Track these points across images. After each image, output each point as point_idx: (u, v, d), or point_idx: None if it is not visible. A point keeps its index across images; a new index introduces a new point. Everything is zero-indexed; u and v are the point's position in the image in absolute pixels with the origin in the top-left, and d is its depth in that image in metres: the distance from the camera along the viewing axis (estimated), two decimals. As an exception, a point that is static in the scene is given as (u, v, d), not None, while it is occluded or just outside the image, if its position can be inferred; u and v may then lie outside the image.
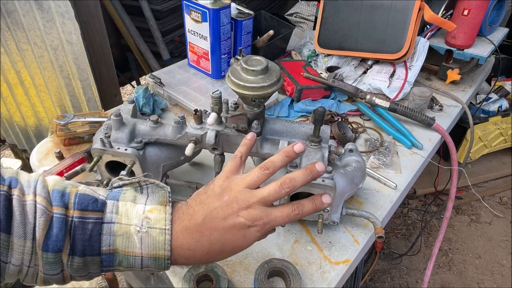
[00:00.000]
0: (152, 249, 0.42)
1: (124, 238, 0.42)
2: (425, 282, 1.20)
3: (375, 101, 0.97)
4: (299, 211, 0.46)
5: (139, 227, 0.42)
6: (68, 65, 1.41)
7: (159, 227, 0.42)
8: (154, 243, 0.42)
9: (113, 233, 0.41)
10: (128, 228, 0.42)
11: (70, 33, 1.33)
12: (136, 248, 0.42)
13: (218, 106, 0.61)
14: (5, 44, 1.31)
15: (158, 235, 0.42)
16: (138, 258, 0.42)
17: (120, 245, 0.42)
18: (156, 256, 0.42)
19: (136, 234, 0.42)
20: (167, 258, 0.42)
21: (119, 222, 0.42)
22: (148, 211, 0.43)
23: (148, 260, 0.42)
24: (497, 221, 1.95)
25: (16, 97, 1.48)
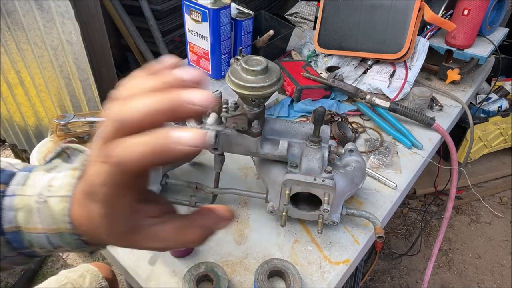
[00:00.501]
0: (52, 222, 0.33)
1: (25, 212, 0.34)
2: (425, 282, 1.20)
3: (375, 101, 0.97)
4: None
5: (40, 196, 0.34)
6: (68, 65, 1.41)
7: (60, 195, 0.33)
8: (53, 214, 0.33)
9: (14, 207, 0.34)
10: (30, 200, 0.34)
11: (70, 33, 1.33)
12: (37, 223, 0.33)
13: (218, 106, 0.61)
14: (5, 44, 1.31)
15: (57, 204, 0.33)
16: (42, 235, 0.34)
17: (22, 221, 0.34)
18: (58, 231, 0.33)
19: (35, 206, 0.34)
20: (70, 232, 0.32)
21: (21, 194, 0.35)
22: (56, 178, 0.35)
23: (53, 237, 0.33)
24: (497, 221, 1.95)
25: (16, 97, 1.48)
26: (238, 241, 0.68)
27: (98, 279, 0.86)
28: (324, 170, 0.61)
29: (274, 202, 0.66)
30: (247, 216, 0.72)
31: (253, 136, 0.62)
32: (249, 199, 0.75)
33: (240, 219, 0.72)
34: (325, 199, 0.60)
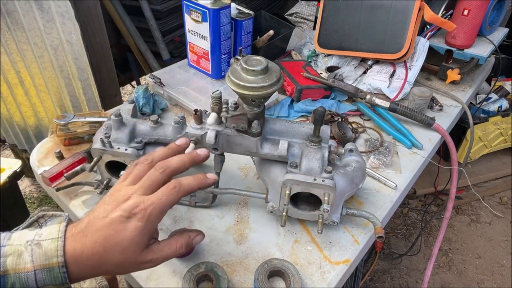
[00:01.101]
0: (44, 259, 0.40)
1: (15, 256, 0.40)
2: (425, 282, 1.20)
3: (375, 101, 0.97)
4: (175, 185, 0.45)
5: (30, 241, 0.40)
6: (68, 65, 1.41)
7: (51, 238, 0.41)
8: (46, 252, 0.40)
9: (3, 254, 0.40)
10: (19, 247, 0.40)
11: (70, 33, 1.33)
12: (27, 263, 0.39)
13: (218, 106, 0.61)
14: (5, 44, 1.31)
15: (50, 244, 0.40)
16: (30, 273, 0.39)
17: (10, 264, 0.39)
18: (50, 265, 0.39)
19: (27, 249, 0.40)
20: (61, 265, 0.40)
21: (10, 244, 0.40)
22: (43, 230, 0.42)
23: (41, 273, 0.39)
24: (497, 221, 1.95)
25: (16, 97, 1.48)
26: (238, 241, 0.68)
27: (98, 278, 0.86)
28: (324, 170, 0.61)
29: (274, 202, 0.66)
30: (247, 216, 0.72)
31: (253, 136, 0.62)
32: (249, 199, 0.75)
33: (240, 219, 0.72)
34: (325, 199, 0.60)
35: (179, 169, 0.47)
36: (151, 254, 0.45)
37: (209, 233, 0.69)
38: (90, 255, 0.41)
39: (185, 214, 0.72)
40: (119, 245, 0.42)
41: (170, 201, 0.44)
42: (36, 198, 1.97)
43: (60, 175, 0.72)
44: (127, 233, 0.42)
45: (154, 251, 0.45)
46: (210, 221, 0.71)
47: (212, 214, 0.72)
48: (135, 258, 0.43)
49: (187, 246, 0.49)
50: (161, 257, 0.46)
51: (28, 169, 1.72)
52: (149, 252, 0.45)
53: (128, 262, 0.43)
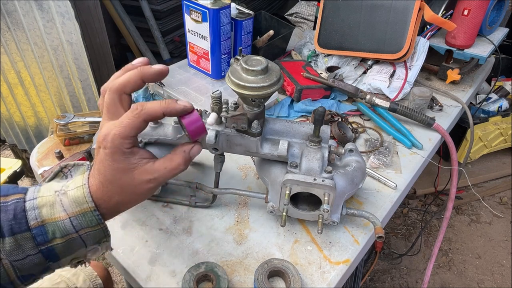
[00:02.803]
0: (75, 206, 0.42)
1: (48, 207, 0.42)
2: (425, 282, 1.20)
3: (375, 101, 0.97)
4: (137, 107, 0.43)
5: (58, 192, 0.43)
6: (68, 65, 1.41)
7: (76, 186, 0.43)
8: (75, 200, 0.42)
9: (37, 206, 0.42)
10: (50, 198, 0.42)
11: (70, 33, 1.33)
12: (60, 212, 0.42)
13: (218, 106, 0.61)
14: (5, 44, 1.31)
15: (75, 192, 0.43)
16: (66, 220, 0.42)
17: (46, 215, 0.42)
18: (82, 211, 0.42)
19: (56, 199, 0.42)
20: (93, 209, 0.43)
21: (41, 196, 0.43)
22: (69, 182, 0.45)
23: (76, 219, 0.42)
24: (497, 221, 1.95)
25: (16, 97, 1.48)
26: (238, 241, 0.68)
27: (92, 277, 0.86)
28: (324, 170, 0.61)
29: (274, 202, 0.66)
30: (247, 216, 0.72)
31: (253, 136, 0.62)
32: (249, 199, 0.75)
33: (240, 219, 0.72)
34: (325, 199, 0.60)
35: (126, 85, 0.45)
36: (146, 174, 0.45)
37: (209, 233, 0.69)
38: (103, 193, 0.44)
39: (185, 214, 0.72)
40: (106, 175, 0.44)
41: (132, 124, 0.43)
42: (36, 198, 1.97)
43: (60, 175, 0.72)
44: (103, 162, 0.44)
45: (148, 171, 0.45)
46: (210, 221, 0.71)
47: (212, 214, 0.72)
48: (128, 181, 0.44)
49: (185, 162, 0.48)
50: (160, 177, 0.46)
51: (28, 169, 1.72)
52: (143, 173, 0.45)
53: (127, 187, 0.45)
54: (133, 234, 0.68)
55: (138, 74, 0.45)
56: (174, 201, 0.74)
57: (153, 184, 0.46)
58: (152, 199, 0.74)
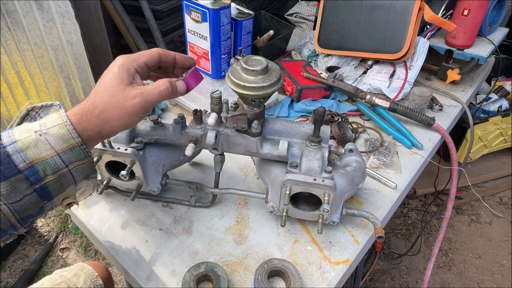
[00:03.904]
0: (62, 142, 0.44)
1: (32, 147, 0.43)
2: (425, 282, 1.20)
3: (375, 101, 0.97)
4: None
5: (39, 131, 0.44)
6: (68, 65, 1.41)
7: (57, 124, 0.44)
8: (61, 137, 0.44)
9: (20, 149, 0.42)
10: (31, 138, 0.43)
11: (70, 33, 1.33)
12: (48, 150, 0.43)
13: (218, 106, 0.61)
14: (5, 44, 1.31)
15: (59, 129, 0.44)
16: (56, 157, 0.44)
17: (33, 155, 0.43)
18: (69, 147, 0.44)
19: (39, 138, 0.43)
20: (80, 144, 0.45)
21: (19, 139, 0.43)
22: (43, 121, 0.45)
23: (65, 154, 0.44)
24: (497, 221, 1.95)
25: (16, 97, 1.48)
26: (238, 241, 0.68)
27: (92, 278, 0.86)
28: (324, 170, 0.61)
29: (274, 202, 0.66)
30: (247, 216, 0.72)
31: (253, 136, 0.62)
32: (249, 199, 0.75)
33: (240, 219, 0.72)
34: (325, 199, 0.60)
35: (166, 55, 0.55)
36: (136, 89, 0.49)
37: (209, 233, 0.69)
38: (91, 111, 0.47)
39: (185, 214, 0.72)
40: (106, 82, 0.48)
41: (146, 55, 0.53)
42: (36, 198, 1.97)
43: (60, 175, 0.72)
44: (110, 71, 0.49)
45: (138, 88, 0.49)
46: (210, 221, 0.71)
47: (212, 214, 0.72)
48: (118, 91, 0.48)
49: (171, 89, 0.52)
50: (146, 93, 0.49)
51: (28, 169, 1.72)
52: (134, 89, 0.49)
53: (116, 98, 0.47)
54: (133, 234, 0.68)
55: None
56: (174, 201, 0.74)
57: (139, 99, 0.48)
58: (152, 199, 0.74)
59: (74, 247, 1.71)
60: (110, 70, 0.49)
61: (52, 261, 1.65)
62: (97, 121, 0.47)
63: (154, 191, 0.70)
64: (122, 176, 0.61)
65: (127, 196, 0.73)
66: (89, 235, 0.71)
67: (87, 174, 0.48)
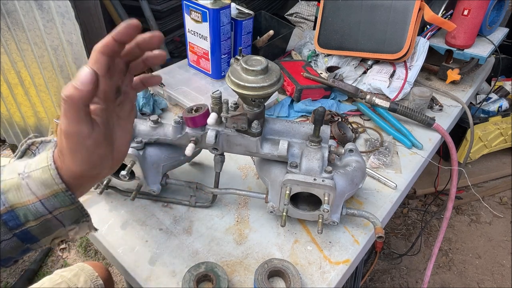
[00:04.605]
0: (44, 188, 0.40)
1: (14, 191, 0.39)
2: (425, 282, 1.20)
3: (375, 101, 0.97)
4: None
5: (22, 174, 0.40)
6: (68, 65, 1.41)
7: (41, 167, 0.40)
8: (42, 182, 0.39)
9: (2, 191, 0.39)
10: (14, 181, 0.40)
11: (70, 33, 1.33)
12: (29, 195, 0.39)
13: (218, 106, 0.61)
14: (5, 44, 1.31)
15: (41, 173, 0.40)
16: (37, 203, 0.39)
17: (14, 199, 0.39)
18: (53, 193, 0.40)
19: (21, 182, 0.39)
20: (64, 190, 0.40)
21: (4, 180, 0.40)
22: (31, 161, 0.41)
23: (48, 201, 0.40)
24: (497, 221, 1.95)
25: (16, 97, 1.48)
26: (238, 241, 0.68)
27: (93, 278, 0.86)
28: (324, 170, 0.61)
29: (274, 202, 0.66)
30: (247, 216, 0.72)
31: (253, 136, 0.62)
32: (249, 199, 0.75)
33: (240, 219, 0.72)
34: (325, 199, 0.60)
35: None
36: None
37: (209, 233, 0.69)
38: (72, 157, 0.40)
39: (185, 214, 0.72)
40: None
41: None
42: (36, 198, 1.97)
43: (60, 175, 0.72)
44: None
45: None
46: (210, 221, 0.71)
47: (212, 214, 0.72)
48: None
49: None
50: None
51: (28, 169, 1.72)
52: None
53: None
54: (133, 234, 0.68)
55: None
56: (174, 201, 0.74)
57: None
58: (152, 199, 0.74)
59: (74, 247, 1.71)
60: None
61: (52, 261, 1.65)
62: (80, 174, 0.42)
63: (154, 191, 0.70)
64: (122, 176, 0.61)
65: (127, 196, 0.73)
66: (89, 235, 0.71)
67: (77, 219, 0.44)
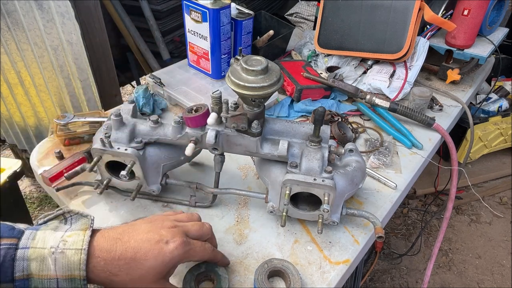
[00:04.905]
0: (67, 269, 0.42)
1: (38, 261, 0.41)
2: (425, 282, 1.20)
3: (375, 101, 0.97)
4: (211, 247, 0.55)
5: (55, 248, 0.42)
6: (68, 65, 1.41)
7: (75, 248, 0.42)
8: (69, 264, 0.42)
9: (27, 257, 0.41)
10: (43, 252, 0.42)
11: (70, 33, 1.33)
12: (50, 270, 0.41)
13: (218, 106, 0.61)
14: (5, 44, 1.31)
15: (73, 255, 0.42)
16: (53, 280, 0.41)
17: (34, 269, 0.41)
18: (72, 277, 0.42)
19: (51, 256, 0.41)
20: (83, 278, 0.42)
21: (34, 247, 0.42)
22: (68, 235, 0.43)
23: (63, 282, 0.42)
24: (497, 221, 1.95)
25: (16, 97, 1.48)
26: (238, 241, 0.68)
27: None
28: (324, 170, 0.61)
29: (274, 202, 0.66)
30: (247, 216, 0.72)
31: (253, 136, 0.62)
32: (249, 199, 0.75)
33: (240, 219, 0.72)
34: (325, 199, 0.60)
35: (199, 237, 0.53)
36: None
37: (209, 233, 0.69)
38: (116, 259, 0.44)
39: (185, 214, 0.72)
40: (147, 260, 0.45)
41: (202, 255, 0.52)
42: (36, 198, 1.97)
43: (60, 175, 0.72)
44: (160, 254, 0.45)
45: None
46: (210, 221, 0.71)
47: (212, 214, 0.72)
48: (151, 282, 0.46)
49: None
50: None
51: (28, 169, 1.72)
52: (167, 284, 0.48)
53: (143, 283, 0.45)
54: (133, 234, 0.68)
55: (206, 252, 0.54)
56: (174, 201, 0.74)
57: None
58: (152, 199, 0.74)
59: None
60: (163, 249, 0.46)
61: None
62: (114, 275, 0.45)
63: (154, 191, 0.70)
64: (122, 176, 0.61)
65: (127, 196, 0.73)
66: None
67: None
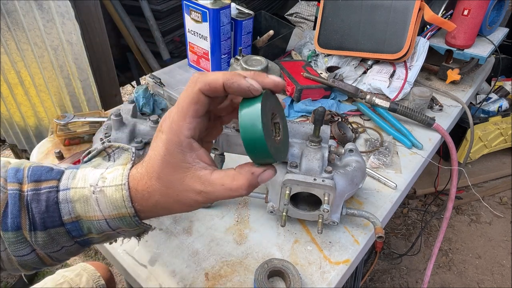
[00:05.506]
0: (112, 209, 0.38)
1: (82, 202, 0.38)
2: (425, 282, 1.20)
3: (375, 101, 0.97)
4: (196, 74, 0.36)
5: (94, 187, 0.38)
6: (68, 65, 1.41)
7: (115, 184, 0.38)
8: (112, 202, 0.37)
9: (70, 199, 0.38)
10: (84, 191, 0.38)
11: (70, 33, 1.33)
12: (96, 211, 0.38)
13: (218, 106, 0.61)
14: (5, 44, 1.31)
15: (114, 192, 0.37)
16: (102, 221, 0.38)
17: (80, 211, 0.38)
18: (120, 215, 0.38)
19: (91, 196, 0.38)
20: (132, 215, 0.38)
21: (74, 187, 0.38)
22: (107, 172, 0.39)
23: (113, 221, 0.38)
24: (497, 221, 1.95)
25: (16, 97, 1.48)
26: (238, 241, 0.68)
27: (95, 278, 0.86)
28: (324, 170, 0.61)
29: (274, 202, 0.66)
30: (247, 216, 0.72)
31: (253, 136, 0.62)
32: (249, 199, 0.75)
33: (240, 219, 0.72)
34: (325, 199, 0.60)
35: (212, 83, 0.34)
36: (198, 183, 0.36)
37: (209, 233, 0.69)
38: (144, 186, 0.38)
39: (185, 214, 0.72)
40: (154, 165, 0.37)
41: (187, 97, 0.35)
42: (36, 198, 1.97)
43: (60, 175, 0.72)
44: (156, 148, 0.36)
45: (201, 180, 0.36)
46: (210, 221, 0.71)
47: (212, 214, 0.72)
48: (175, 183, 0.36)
49: (249, 187, 0.36)
50: (212, 193, 0.36)
51: (28, 169, 1.72)
52: (195, 179, 0.36)
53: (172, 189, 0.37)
54: (133, 234, 0.68)
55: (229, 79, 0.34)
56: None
57: (201, 198, 0.37)
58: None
59: (74, 247, 1.71)
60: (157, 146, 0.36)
61: (52, 261, 1.65)
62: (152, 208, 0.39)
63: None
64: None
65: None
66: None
67: (139, 234, 0.42)
